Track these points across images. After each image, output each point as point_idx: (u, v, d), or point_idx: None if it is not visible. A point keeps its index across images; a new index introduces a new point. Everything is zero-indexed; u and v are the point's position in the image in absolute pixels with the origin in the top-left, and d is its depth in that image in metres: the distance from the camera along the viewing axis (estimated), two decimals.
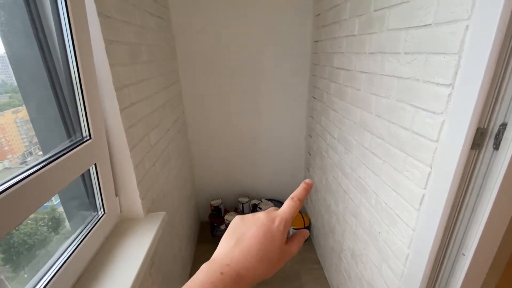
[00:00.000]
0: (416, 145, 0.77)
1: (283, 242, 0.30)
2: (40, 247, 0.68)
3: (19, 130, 0.69)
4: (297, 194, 0.33)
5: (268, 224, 0.30)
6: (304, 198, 0.33)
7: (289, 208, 0.31)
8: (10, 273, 0.62)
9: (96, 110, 0.80)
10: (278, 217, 0.31)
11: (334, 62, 1.38)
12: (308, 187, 0.33)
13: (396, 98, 0.85)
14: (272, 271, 0.30)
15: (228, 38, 1.73)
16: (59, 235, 0.78)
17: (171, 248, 1.35)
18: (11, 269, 0.62)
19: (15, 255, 0.63)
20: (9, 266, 0.62)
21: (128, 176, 0.95)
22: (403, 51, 0.81)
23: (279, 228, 0.30)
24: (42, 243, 0.70)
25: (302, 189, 0.33)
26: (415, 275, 0.82)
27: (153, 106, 1.20)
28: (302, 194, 0.33)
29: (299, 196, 0.32)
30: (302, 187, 0.33)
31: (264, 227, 0.30)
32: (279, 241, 0.30)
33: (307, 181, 0.34)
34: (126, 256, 0.82)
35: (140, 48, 1.08)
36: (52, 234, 0.76)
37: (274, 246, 0.29)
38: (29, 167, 0.59)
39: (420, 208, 0.77)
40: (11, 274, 0.61)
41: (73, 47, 0.70)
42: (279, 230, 0.30)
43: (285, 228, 0.30)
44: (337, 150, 1.39)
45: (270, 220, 0.30)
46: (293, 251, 0.32)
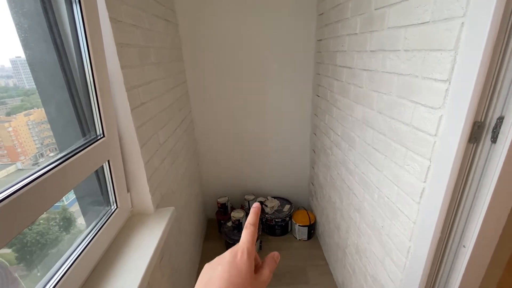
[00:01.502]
0: (416, 140, 0.79)
1: (251, 272, 0.31)
2: (52, 246, 0.71)
3: (31, 132, 0.72)
4: (249, 220, 0.35)
5: (231, 259, 0.31)
6: (256, 221, 0.35)
7: (246, 236, 0.33)
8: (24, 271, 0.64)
9: (109, 110, 0.85)
10: (240, 249, 0.32)
11: (337, 60, 1.40)
12: (256, 210, 0.36)
13: (397, 94, 0.87)
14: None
15: (233, 39, 1.77)
16: (70, 234, 0.81)
17: (179, 243, 1.39)
18: (25, 267, 0.65)
19: (29, 254, 0.66)
20: (23, 265, 0.65)
21: (138, 173, 1.00)
22: (403, 48, 0.83)
23: (243, 259, 0.31)
24: (54, 242, 0.72)
25: (252, 214, 0.35)
26: (416, 267, 0.84)
27: (161, 106, 1.24)
28: (252, 219, 0.35)
29: (251, 221, 0.35)
30: (251, 212, 0.36)
31: (228, 264, 0.31)
32: (246, 272, 0.30)
33: (254, 204, 0.36)
34: (138, 249, 0.87)
35: (148, 50, 1.12)
36: (63, 233, 0.79)
37: (242, 278, 0.30)
38: (49, 162, 0.63)
39: (421, 201, 0.79)
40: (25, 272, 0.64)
41: (88, 50, 0.75)
42: (242, 261, 0.31)
43: (249, 257, 0.31)
44: (341, 147, 1.41)
45: (233, 255, 0.31)
46: (266, 276, 0.32)
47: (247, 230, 0.34)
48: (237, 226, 1.85)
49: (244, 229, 0.34)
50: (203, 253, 1.96)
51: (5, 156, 0.70)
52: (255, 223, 0.35)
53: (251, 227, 0.34)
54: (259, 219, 0.36)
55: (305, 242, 2.03)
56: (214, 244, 2.03)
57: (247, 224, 0.35)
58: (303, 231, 2.00)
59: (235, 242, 1.83)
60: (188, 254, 1.59)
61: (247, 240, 0.33)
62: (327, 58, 1.56)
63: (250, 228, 0.34)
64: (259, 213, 0.36)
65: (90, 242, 0.78)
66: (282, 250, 1.95)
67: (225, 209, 2.07)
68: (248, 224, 0.35)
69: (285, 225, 2.06)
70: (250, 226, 0.34)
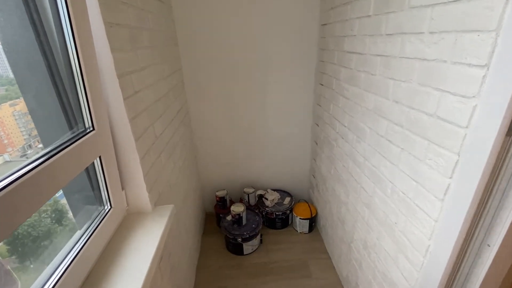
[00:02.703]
0: (442, 132, 0.72)
1: None
2: (45, 238, 0.67)
3: (18, 123, 0.67)
4: None
5: None
6: None
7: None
8: (16, 263, 0.61)
9: (99, 99, 0.75)
10: None
11: (344, 46, 1.31)
12: None
13: (418, 82, 0.80)
14: None
15: (230, 23, 1.65)
16: (63, 226, 0.77)
17: (178, 240, 1.32)
18: (17, 260, 0.62)
19: (21, 246, 0.63)
20: (15, 257, 0.62)
21: (134, 169, 0.91)
22: (428, 30, 0.74)
23: None
24: (46, 234, 0.69)
25: None
26: (436, 267, 0.79)
27: (156, 95, 1.14)
28: None
29: None
30: None
31: None
32: None
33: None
34: (136, 252, 0.79)
35: (141, 32, 1.01)
36: (55, 225, 0.75)
37: None
38: (29, 161, 0.54)
39: (445, 198, 0.73)
40: (17, 264, 0.61)
41: (72, 30, 0.64)
42: None
43: None
44: (348, 138, 1.34)
45: None
46: None
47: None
48: (237, 221, 1.79)
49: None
50: (202, 248, 1.90)
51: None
52: None
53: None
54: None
55: (306, 235, 1.99)
56: (213, 239, 1.97)
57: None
58: (304, 224, 1.96)
59: (235, 237, 1.79)
60: (188, 250, 1.53)
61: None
62: (332, 43, 1.47)
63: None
64: None
65: (82, 248, 0.70)
66: (283, 244, 1.91)
67: (224, 202, 2.00)
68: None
69: (286, 218, 2.01)
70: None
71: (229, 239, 1.79)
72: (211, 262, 1.79)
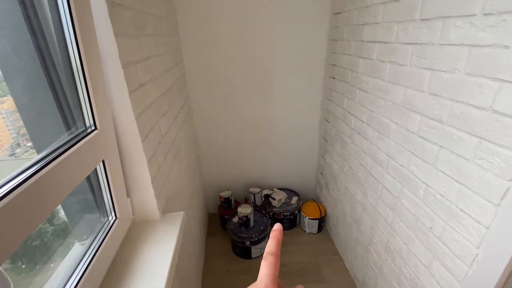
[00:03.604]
0: (498, 128, 0.63)
1: None
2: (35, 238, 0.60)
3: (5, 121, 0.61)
4: (268, 248, 0.29)
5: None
6: (278, 249, 0.28)
7: (266, 270, 0.27)
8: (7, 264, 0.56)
9: (102, 93, 0.63)
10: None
11: (364, 35, 1.22)
12: (277, 234, 0.30)
13: (466, 72, 0.71)
14: None
15: (234, 12, 1.53)
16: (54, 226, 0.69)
17: (186, 247, 1.22)
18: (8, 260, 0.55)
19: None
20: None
21: (141, 173, 0.80)
22: (482, 12, 0.65)
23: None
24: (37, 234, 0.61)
25: (272, 240, 0.29)
26: (485, 278, 0.71)
27: (161, 89, 1.03)
28: (273, 247, 0.29)
29: (271, 249, 0.28)
30: (271, 236, 0.29)
31: None
32: None
33: (275, 227, 0.30)
34: (147, 268, 0.69)
35: (145, 17, 0.89)
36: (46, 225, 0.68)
37: None
38: (22, 169, 0.43)
39: (501, 203, 0.65)
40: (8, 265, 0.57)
41: (69, 9, 0.53)
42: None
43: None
44: (367, 134, 1.26)
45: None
46: None
47: (266, 262, 0.27)
48: (244, 223, 1.69)
49: (263, 260, 0.28)
50: (207, 251, 1.80)
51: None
52: (275, 252, 0.28)
53: (270, 258, 0.28)
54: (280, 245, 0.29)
55: (315, 236, 1.91)
56: (218, 241, 1.87)
57: (266, 254, 0.28)
58: (313, 224, 1.88)
59: (243, 240, 1.69)
60: (194, 255, 1.43)
61: (266, 275, 0.26)
62: (348, 33, 1.37)
63: (269, 259, 0.27)
64: (281, 238, 0.29)
65: (88, 267, 0.59)
66: (292, 245, 1.83)
67: (228, 203, 1.90)
68: (267, 254, 0.28)
69: (294, 218, 1.93)
70: (270, 256, 0.28)
71: (236, 243, 1.69)
72: (218, 266, 1.69)
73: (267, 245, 0.29)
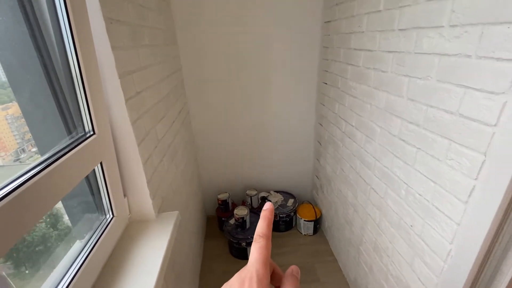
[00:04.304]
0: (465, 131, 0.68)
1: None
2: (39, 243, 0.64)
3: (10, 127, 0.64)
4: (259, 230, 0.27)
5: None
6: (269, 231, 0.27)
7: (257, 253, 0.26)
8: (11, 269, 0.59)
9: (100, 101, 0.69)
10: (247, 276, 0.25)
11: (351, 43, 1.28)
12: (268, 214, 0.28)
13: (437, 79, 0.76)
14: None
15: (230, 21, 1.61)
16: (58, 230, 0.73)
17: (182, 246, 1.27)
18: (12, 266, 0.60)
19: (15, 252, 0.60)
20: (10, 263, 0.59)
21: (136, 174, 0.86)
22: (449, 24, 0.71)
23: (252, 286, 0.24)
24: (41, 239, 0.65)
25: (262, 221, 0.28)
26: (458, 272, 0.75)
27: (158, 96, 1.09)
28: (264, 228, 0.27)
29: (261, 231, 0.27)
30: (262, 217, 0.28)
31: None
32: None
33: (265, 207, 0.29)
34: (141, 265, 0.74)
35: (141, 29, 0.96)
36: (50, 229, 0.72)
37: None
38: (27, 169, 0.49)
39: (469, 200, 0.69)
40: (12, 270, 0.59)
41: (69, 25, 0.59)
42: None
43: (259, 284, 0.25)
44: (356, 138, 1.31)
45: (240, 282, 0.25)
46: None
47: (257, 245, 0.26)
48: (241, 224, 1.74)
49: (253, 243, 0.26)
50: (205, 253, 1.85)
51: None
52: (266, 233, 0.26)
53: (261, 240, 0.26)
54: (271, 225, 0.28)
55: (311, 237, 1.95)
56: (215, 243, 1.92)
57: (256, 236, 0.27)
58: (309, 226, 1.92)
59: (239, 241, 1.74)
60: (191, 256, 1.48)
61: (256, 260, 0.25)
62: (338, 41, 1.43)
63: (260, 241, 0.26)
64: (272, 218, 0.28)
65: (84, 261, 0.64)
66: (288, 247, 1.87)
67: (226, 205, 1.95)
68: (257, 236, 0.26)
69: (290, 220, 1.97)
70: (260, 239, 0.26)
71: (232, 244, 1.73)
72: (215, 267, 1.73)
73: (257, 226, 0.28)
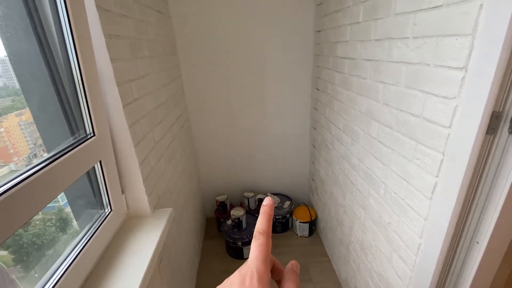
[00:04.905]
0: (427, 132, 0.75)
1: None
2: (49, 247, 0.69)
3: (23, 132, 0.69)
4: (259, 227, 0.27)
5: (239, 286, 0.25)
6: (269, 227, 0.27)
7: (257, 251, 0.26)
8: (21, 273, 0.62)
9: (99, 106, 0.79)
10: (248, 272, 0.26)
11: (338, 51, 1.35)
12: (267, 209, 0.28)
13: (405, 85, 0.83)
14: None
15: (228, 32, 1.71)
16: (67, 235, 0.79)
17: (178, 243, 1.35)
18: (22, 269, 0.63)
19: (25, 256, 0.64)
20: (20, 266, 0.63)
21: (133, 173, 0.94)
22: (412, 35, 0.78)
23: (253, 285, 0.25)
24: (50, 243, 0.70)
25: (262, 218, 0.28)
26: (428, 265, 0.80)
27: (156, 102, 1.18)
28: (264, 225, 0.27)
29: (261, 228, 0.27)
30: (261, 213, 0.28)
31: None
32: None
33: (265, 202, 0.28)
34: (135, 253, 0.82)
35: (140, 42, 1.06)
36: (60, 234, 0.77)
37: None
38: (35, 164, 0.58)
39: (432, 196, 0.75)
40: (22, 274, 0.62)
41: (73, 42, 0.69)
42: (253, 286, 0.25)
43: (260, 281, 0.25)
44: (343, 141, 1.37)
45: (240, 280, 0.26)
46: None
47: (256, 242, 0.26)
48: (237, 225, 1.81)
49: (253, 240, 0.27)
50: (203, 252, 1.92)
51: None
52: (266, 230, 0.26)
53: (261, 237, 0.26)
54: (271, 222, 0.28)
55: (306, 239, 2.00)
56: (214, 243, 1.99)
57: (256, 233, 0.27)
58: (304, 227, 1.97)
59: (235, 241, 1.80)
60: (188, 254, 1.55)
61: (256, 257, 0.26)
62: (327, 49, 1.51)
63: (260, 239, 0.26)
64: (272, 214, 0.28)
65: (83, 248, 0.73)
66: (283, 247, 1.92)
67: (224, 207, 2.02)
68: (257, 233, 0.26)
69: (286, 221, 2.03)
70: (260, 236, 0.26)
71: (229, 243, 1.80)
72: (212, 266, 1.80)
73: (257, 223, 0.27)
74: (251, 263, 0.26)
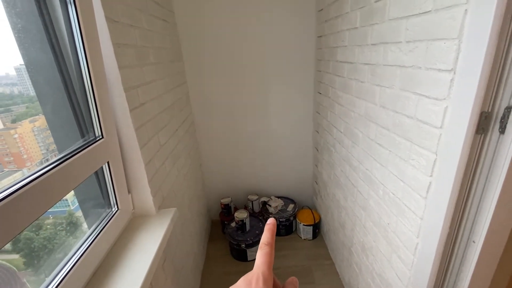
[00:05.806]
0: (421, 133, 0.77)
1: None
2: (60, 251, 0.71)
3: (37, 138, 0.73)
4: (264, 239, 0.31)
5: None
6: (272, 240, 0.31)
7: (262, 258, 0.30)
8: (32, 276, 0.65)
9: (107, 111, 0.84)
10: (254, 276, 0.29)
11: (337, 56, 1.38)
12: (271, 227, 0.32)
13: (400, 87, 0.85)
14: None
15: (233, 38, 1.76)
16: (77, 238, 0.81)
17: (183, 244, 1.38)
18: (32, 272, 0.66)
19: (36, 259, 0.66)
20: (30, 270, 0.65)
21: (139, 174, 0.99)
22: (405, 40, 0.81)
23: (259, 285, 0.28)
24: (61, 247, 0.73)
25: (266, 232, 0.32)
26: (425, 265, 0.81)
27: (161, 107, 1.24)
28: (267, 237, 0.31)
29: (266, 240, 0.31)
30: (266, 229, 0.32)
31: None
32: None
33: (268, 221, 0.33)
34: (140, 251, 0.86)
35: (147, 50, 1.12)
36: (70, 238, 0.79)
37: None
38: (49, 163, 0.62)
39: (427, 196, 0.77)
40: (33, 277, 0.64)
41: (84, 51, 0.74)
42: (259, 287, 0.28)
43: (265, 284, 0.28)
44: (344, 143, 1.39)
45: (246, 283, 0.28)
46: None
47: (262, 251, 0.30)
48: (241, 227, 1.83)
49: (259, 250, 0.31)
50: (208, 254, 1.95)
51: (11, 162, 0.71)
52: (270, 242, 0.31)
53: (266, 247, 0.30)
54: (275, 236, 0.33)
55: (310, 242, 2.01)
56: (218, 245, 2.02)
57: (262, 244, 0.31)
58: (308, 230, 1.98)
59: (239, 243, 1.83)
60: (192, 255, 1.58)
61: (262, 262, 0.29)
62: (327, 54, 1.55)
63: (265, 248, 0.30)
64: (275, 230, 0.32)
65: (91, 245, 0.77)
66: (287, 250, 1.93)
67: (228, 209, 2.05)
68: (263, 244, 0.31)
69: (290, 224, 2.04)
70: (265, 246, 0.30)
71: (233, 245, 1.83)
72: (216, 268, 1.82)
73: (262, 237, 0.32)
74: (257, 268, 0.29)
